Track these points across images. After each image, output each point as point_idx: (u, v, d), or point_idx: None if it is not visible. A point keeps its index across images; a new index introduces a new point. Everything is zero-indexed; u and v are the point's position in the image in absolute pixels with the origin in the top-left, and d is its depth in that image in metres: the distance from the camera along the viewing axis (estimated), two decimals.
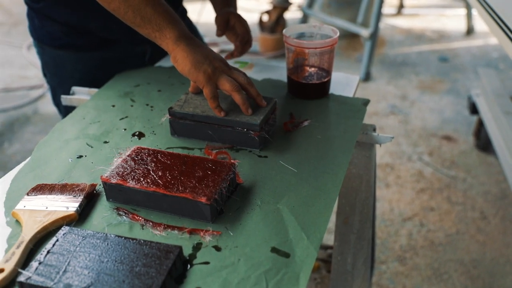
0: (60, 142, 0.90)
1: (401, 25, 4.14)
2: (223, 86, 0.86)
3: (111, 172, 0.73)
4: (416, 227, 1.93)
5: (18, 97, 2.94)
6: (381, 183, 2.18)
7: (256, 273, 0.62)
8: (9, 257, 0.62)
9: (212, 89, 0.86)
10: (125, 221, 0.70)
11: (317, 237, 0.67)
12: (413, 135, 2.55)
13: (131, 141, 0.89)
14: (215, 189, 0.69)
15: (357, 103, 1.00)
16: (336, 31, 1.01)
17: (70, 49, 1.13)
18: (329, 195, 0.75)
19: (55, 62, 1.17)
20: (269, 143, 0.88)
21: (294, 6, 3.62)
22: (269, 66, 1.19)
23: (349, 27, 3.25)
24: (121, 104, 1.02)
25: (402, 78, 3.19)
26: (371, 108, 2.76)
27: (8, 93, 3.05)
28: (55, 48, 1.14)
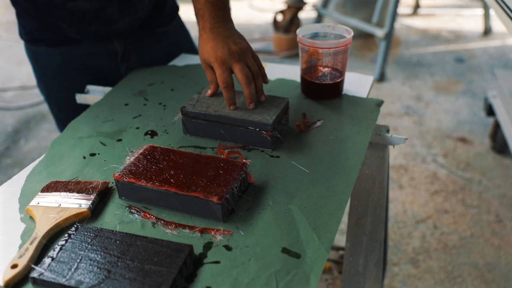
0: (74, 140, 0.90)
1: (417, 25, 4.10)
2: (237, 73, 0.85)
3: (123, 170, 0.74)
4: (430, 230, 1.91)
5: (34, 95, 2.99)
6: (394, 185, 2.16)
7: (266, 273, 0.62)
8: (23, 253, 0.63)
9: (225, 73, 0.85)
10: (136, 219, 0.71)
11: (328, 238, 0.67)
12: (427, 137, 2.52)
13: (143, 139, 0.90)
14: (227, 188, 0.69)
15: (370, 104, 0.99)
16: (350, 31, 1.00)
17: (41, 43, 1.11)
18: (341, 196, 0.75)
19: (31, 57, 1.15)
20: (281, 143, 0.87)
21: (309, 6, 3.60)
22: (282, 66, 1.18)
23: (364, 27, 3.22)
24: (135, 102, 1.03)
25: (417, 79, 3.16)
26: (385, 109, 2.74)
27: (25, 91, 3.09)
28: (30, 43, 1.13)
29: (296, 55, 3.41)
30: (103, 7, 1.03)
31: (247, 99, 0.86)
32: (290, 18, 3.40)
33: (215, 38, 0.86)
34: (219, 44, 0.85)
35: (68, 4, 1.01)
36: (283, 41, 3.46)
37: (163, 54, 1.21)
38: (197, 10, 0.89)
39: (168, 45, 1.21)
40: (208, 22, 0.87)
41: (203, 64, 0.89)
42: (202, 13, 0.88)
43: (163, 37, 1.19)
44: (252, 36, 3.88)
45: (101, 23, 1.06)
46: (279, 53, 3.49)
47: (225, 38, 0.86)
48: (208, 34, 0.86)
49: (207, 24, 0.87)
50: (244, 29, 4.03)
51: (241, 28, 3.95)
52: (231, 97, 0.86)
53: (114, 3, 1.04)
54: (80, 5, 1.01)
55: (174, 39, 1.23)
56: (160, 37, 1.18)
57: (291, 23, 3.43)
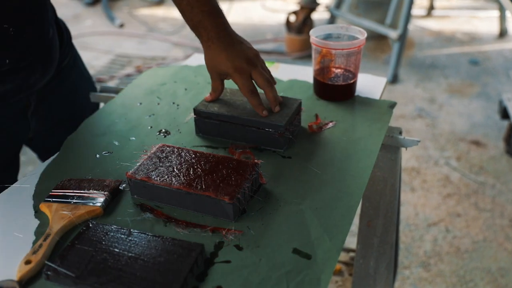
0: (87, 138, 0.91)
1: (431, 26, 4.07)
2: (257, 79, 0.85)
3: (136, 169, 0.74)
4: (442, 233, 1.89)
5: None
6: (406, 187, 2.14)
7: (277, 273, 0.62)
8: (37, 249, 0.63)
9: (248, 82, 0.84)
10: (148, 217, 0.71)
11: (339, 240, 0.67)
12: (440, 139, 2.50)
13: (156, 138, 0.91)
14: (238, 188, 0.70)
15: (383, 106, 0.99)
16: (363, 32, 1.00)
17: None
18: (352, 198, 0.74)
19: None
20: (294, 144, 0.87)
21: (322, 7, 3.60)
22: (295, 67, 1.18)
23: (377, 29, 3.21)
24: (148, 102, 1.03)
25: (430, 81, 3.13)
26: (398, 111, 2.72)
27: None
28: None
29: (308, 56, 3.40)
30: (26, 80, 0.88)
31: (272, 103, 0.86)
32: (303, 19, 3.40)
33: (226, 47, 0.84)
34: (234, 53, 0.84)
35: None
36: (295, 42, 3.45)
37: (71, 91, 1.04)
38: (196, 22, 0.84)
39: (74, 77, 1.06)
40: (213, 32, 0.84)
41: (214, 74, 0.87)
42: (203, 24, 0.84)
43: (68, 70, 1.03)
44: (265, 37, 3.88)
45: (22, 93, 0.90)
46: (291, 54, 3.48)
47: (236, 45, 0.85)
48: (217, 44, 0.84)
49: (212, 34, 0.84)
50: (257, 29, 4.03)
51: (254, 29, 3.95)
52: (260, 103, 0.85)
53: (37, 71, 0.89)
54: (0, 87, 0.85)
55: (76, 69, 1.07)
56: (67, 71, 1.02)
57: (304, 24, 3.42)
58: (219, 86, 0.89)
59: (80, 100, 1.08)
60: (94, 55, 3.44)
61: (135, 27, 4.06)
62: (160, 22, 4.25)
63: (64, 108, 1.03)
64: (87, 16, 4.26)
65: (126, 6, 4.54)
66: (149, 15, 4.41)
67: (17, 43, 0.82)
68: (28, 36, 0.83)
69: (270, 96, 0.85)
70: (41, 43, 0.87)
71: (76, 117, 1.01)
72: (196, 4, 0.83)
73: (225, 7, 4.29)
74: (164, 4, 4.72)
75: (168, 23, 4.21)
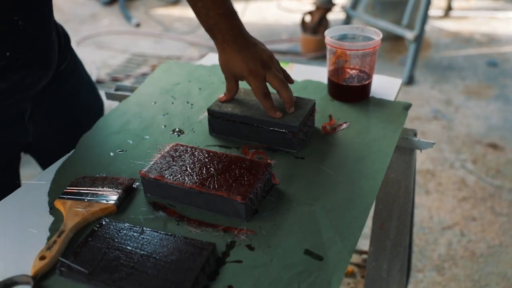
0: (102, 136, 0.92)
1: (448, 27, 4.02)
2: (272, 81, 0.85)
3: (149, 168, 0.75)
4: (456, 237, 1.87)
5: None
6: (420, 190, 2.12)
7: (288, 274, 0.62)
8: (51, 245, 0.64)
9: (261, 84, 0.85)
10: (161, 215, 0.72)
11: (351, 242, 0.66)
12: (456, 142, 2.47)
13: (170, 137, 0.91)
14: (251, 188, 0.70)
15: (398, 107, 0.98)
16: (379, 33, 0.99)
17: None
18: (365, 200, 0.74)
19: None
20: (307, 145, 0.87)
21: (338, 7, 3.58)
22: (309, 67, 1.18)
23: (394, 29, 3.18)
24: (162, 101, 1.04)
25: (447, 83, 3.09)
26: (413, 113, 2.70)
27: None
28: None
29: (323, 56, 3.39)
30: (22, 80, 0.85)
31: (287, 103, 0.86)
32: (319, 19, 3.39)
33: (241, 49, 0.84)
34: (248, 55, 0.84)
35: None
36: (310, 42, 3.44)
37: (70, 94, 1.02)
38: (211, 24, 0.84)
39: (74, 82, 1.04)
40: (228, 34, 0.84)
41: (229, 76, 0.88)
42: (218, 26, 0.84)
43: (68, 75, 1.01)
44: (280, 37, 3.88)
45: (17, 96, 0.87)
46: (306, 54, 3.47)
47: (251, 47, 0.85)
48: (232, 47, 0.84)
49: (227, 37, 0.84)
50: (272, 29, 4.03)
51: (269, 29, 3.95)
52: (273, 105, 0.85)
53: (35, 71, 0.86)
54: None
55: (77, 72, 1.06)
56: (65, 76, 1.00)
57: (319, 24, 3.41)
58: (233, 87, 0.89)
59: (80, 105, 1.06)
60: (111, 54, 3.47)
61: (151, 27, 4.09)
62: (176, 21, 4.27)
63: (63, 112, 1.01)
64: (104, 15, 4.30)
65: (143, 6, 4.58)
66: (165, 15, 4.44)
67: (21, 38, 0.81)
68: (32, 33, 0.83)
69: (285, 97, 0.85)
70: (43, 43, 0.86)
71: (77, 121, 0.99)
72: (212, 6, 0.83)
73: (240, 7, 4.31)
74: (180, 4, 4.75)
75: (184, 23, 4.23)
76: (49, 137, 1.00)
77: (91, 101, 1.10)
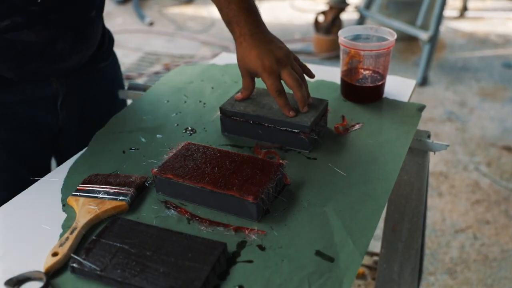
0: (115, 134, 0.93)
1: (464, 28, 3.98)
2: (286, 79, 0.85)
3: (161, 166, 0.75)
4: (469, 240, 1.85)
5: None
6: (433, 192, 2.10)
7: (299, 275, 0.61)
8: (63, 242, 0.65)
9: (276, 82, 0.84)
10: (172, 214, 0.72)
11: (363, 243, 0.66)
12: (470, 144, 2.44)
13: (182, 136, 0.91)
14: (262, 188, 0.69)
15: (412, 108, 0.97)
16: (393, 33, 0.98)
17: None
18: (378, 201, 0.73)
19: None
20: (319, 145, 0.87)
21: (351, 7, 3.56)
22: (322, 67, 1.17)
23: (408, 30, 3.15)
24: (175, 100, 1.04)
25: (461, 84, 3.06)
26: (427, 114, 2.67)
27: None
28: None
29: (336, 56, 3.37)
30: (53, 41, 0.86)
31: (301, 103, 0.85)
32: (332, 19, 3.37)
33: (258, 45, 0.83)
34: (264, 52, 0.83)
35: (8, 34, 0.82)
36: (323, 42, 3.43)
37: (104, 92, 1.07)
38: (230, 17, 0.85)
39: (109, 82, 1.09)
40: (246, 28, 0.84)
41: (244, 72, 0.87)
42: (237, 19, 0.84)
43: (105, 73, 1.06)
44: (293, 37, 3.87)
45: (46, 60, 0.87)
46: (319, 54, 3.46)
47: (267, 44, 0.84)
48: (249, 41, 0.84)
49: (245, 31, 0.84)
50: (285, 29, 4.02)
51: (282, 28, 3.95)
52: (287, 103, 0.85)
53: (67, 36, 0.88)
54: (24, 36, 0.83)
55: (113, 74, 1.10)
56: (102, 73, 1.04)
57: (333, 24, 3.39)
58: (250, 84, 0.89)
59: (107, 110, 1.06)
60: (124, 53, 3.50)
61: (165, 26, 4.11)
62: (189, 20, 4.29)
63: (92, 110, 1.04)
64: (118, 14, 4.33)
65: (156, 5, 4.60)
66: (178, 14, 4.45)
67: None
68: None
69: (299, 96, 0.85)
70: (79, 12, 0.89)
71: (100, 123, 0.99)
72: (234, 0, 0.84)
73: None
74: (193, 3, 4.76)
75: (197, 22, 4.25)
76: (73, 130, 1.03)
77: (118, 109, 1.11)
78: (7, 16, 0.80)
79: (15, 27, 0.81)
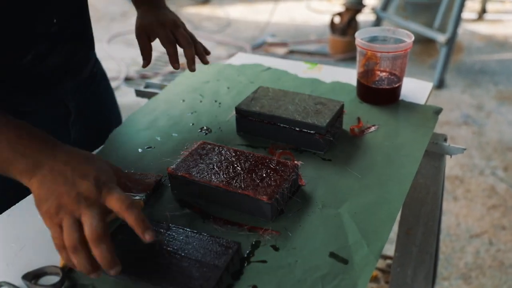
0: (131, 132, 0.94)
1: (482, 31, 3.93)
2: (180, 37, 0.92)
3: (177, 165, 0.75)
4: (485, 245, 1.82)
5: None
6: (448, 196, 2.08)
7: (312, 276, 0.61)
8: None
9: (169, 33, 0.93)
10: (187, 213, 0.72)
11: (377, 246, 0.65)
12: (487, 148, 2.41)
13: (197, 135, 0.92)
14: (277, 188, 0.70)
15: (428, 111, 0.96)
16: (411, 35, 0.97)
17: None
18: (393, 204, 0.73)
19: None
20: (334, 147, 0.86)
21: (367, 9, 3.54)
22: (337, 69, 1.17)
23: (425, 32, 3.13)
24: (191, 99, 1.05)
25: (478, 87, 3.02)
26: (443, 117, 2.65)
27: None
28: None
29: (351, 58, 3.35)
30: (72, 54, 0.87)
31: (189, 60, 0.90)
32: (348, 20, 3.36)
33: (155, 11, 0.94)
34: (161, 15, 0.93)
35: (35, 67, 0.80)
36: (339, 43, 3.42)
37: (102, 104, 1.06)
38: None
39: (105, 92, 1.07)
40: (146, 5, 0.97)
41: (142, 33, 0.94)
42: None
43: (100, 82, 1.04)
44: (308, 38, 3.86)
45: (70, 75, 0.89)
46: (334, 56, 3.45)
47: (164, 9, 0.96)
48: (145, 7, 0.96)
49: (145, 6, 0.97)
50: (301, 30, 4.02)
51: (298, 29, 3.93)
52: (176, 53, 0.91)
53: (84, 45, 0.92)
54: (50, 62, 0.82)
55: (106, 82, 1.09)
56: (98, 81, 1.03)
57: (349, 25, 3.38)
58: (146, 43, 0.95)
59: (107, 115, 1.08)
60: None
61: None
62: (205, 20, 4.31)
63: (97, 120, 1.03)
64: (134, 13, 4.35)
65: (173, 5, 4.63)
66: (194, 14, 4.48)
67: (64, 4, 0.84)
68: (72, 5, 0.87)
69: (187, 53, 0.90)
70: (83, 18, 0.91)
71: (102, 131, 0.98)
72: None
73: (269, 7, 4.30)
74: (209, 3, 4.78)
75: (213, 22, 4.26)
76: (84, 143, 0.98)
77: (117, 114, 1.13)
78: (30, 47, 0.79)
79: (39, 56, 0.80)
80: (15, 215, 0.74)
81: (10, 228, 0.71)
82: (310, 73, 1.14)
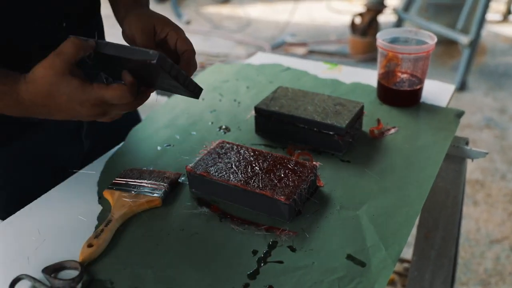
0: (151, 130, 0.94)
1: (507, 33, 3.85)
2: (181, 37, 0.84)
3: (195, 163, 0.76)
4: (505, 251, 1.79)
5: None
6: (468, 200, 2.05)
7: (329, 278, 0.61)
8: (98, 233, 0.66)
9: None
10: (205, 211, 0.73)
11: (395, 249, 0.65)
12: (509, 152, 2.36)
13: (216, 134, 0.92)
14: (295, 189, 0.69)
15: (450, 114, 0.95)
16: (433, 37, 0.96)
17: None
18: (412, 207, 0.72)
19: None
20: (353, 148, 0.86)
21: (389, 9, 3.50)
22: (358, 70, 1.16)
23: (447, 33, 3.08)
24: (210, 98, 1.05)
25: (502, 90, 2.97)
26: (465, 120, 2.60)
27: None
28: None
29: (372, 59, 3.32)
30: None
31: None
32: (369, 21, 3.33)
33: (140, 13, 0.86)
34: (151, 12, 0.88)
35: None
36: (359, 44, 3.39)
37: None
38: None
39: None
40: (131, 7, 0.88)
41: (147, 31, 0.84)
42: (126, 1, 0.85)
43: None
44: (328, 38, 3.84)
45: None
46: (354, 56, 3.42)
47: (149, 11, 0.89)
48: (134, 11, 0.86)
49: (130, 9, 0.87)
50: (321, 30, 4.00)
51: (318, 30, 3.91)
52: None
53: None
54: None
55: None
56: None
57: (369, 26, 3.35)
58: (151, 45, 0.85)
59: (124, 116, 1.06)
60: None
61: (201, 24, 4.16)
62: (225, 20, 4.32)
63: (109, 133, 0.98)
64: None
65: (194, 4, 4.66)
66: (214, 13, 4.49)
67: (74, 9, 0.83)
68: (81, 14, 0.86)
69: None
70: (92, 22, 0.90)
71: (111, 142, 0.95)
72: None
73: (289, 7, 4.30)
74: (229, 2, 4.79)
75: (233, 21, 4.27)
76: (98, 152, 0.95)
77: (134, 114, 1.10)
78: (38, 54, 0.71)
79: None
80: (36, 210, 0.75)
81: (31, 223, 0.72)
82: (330, 74, 1.14)
